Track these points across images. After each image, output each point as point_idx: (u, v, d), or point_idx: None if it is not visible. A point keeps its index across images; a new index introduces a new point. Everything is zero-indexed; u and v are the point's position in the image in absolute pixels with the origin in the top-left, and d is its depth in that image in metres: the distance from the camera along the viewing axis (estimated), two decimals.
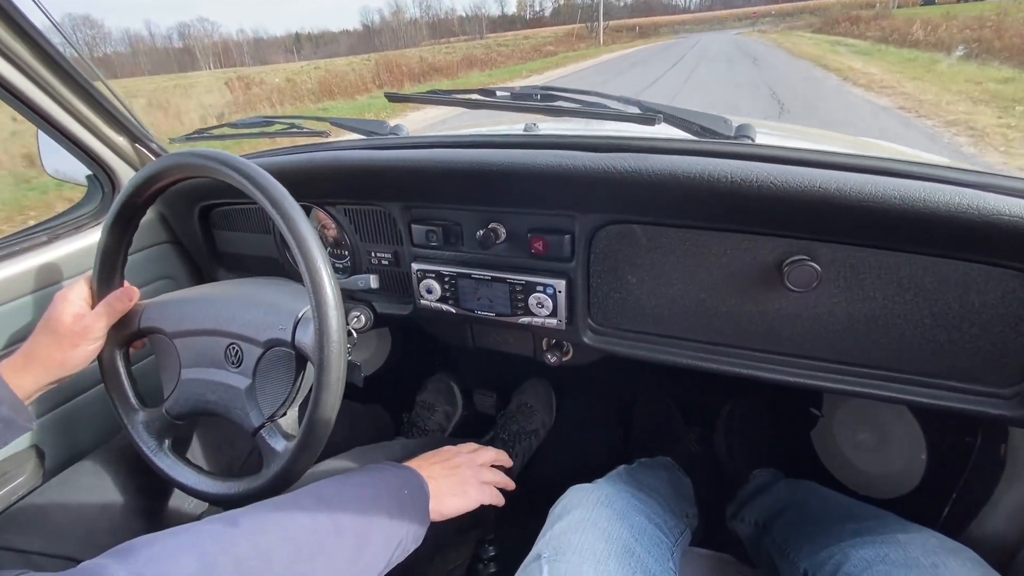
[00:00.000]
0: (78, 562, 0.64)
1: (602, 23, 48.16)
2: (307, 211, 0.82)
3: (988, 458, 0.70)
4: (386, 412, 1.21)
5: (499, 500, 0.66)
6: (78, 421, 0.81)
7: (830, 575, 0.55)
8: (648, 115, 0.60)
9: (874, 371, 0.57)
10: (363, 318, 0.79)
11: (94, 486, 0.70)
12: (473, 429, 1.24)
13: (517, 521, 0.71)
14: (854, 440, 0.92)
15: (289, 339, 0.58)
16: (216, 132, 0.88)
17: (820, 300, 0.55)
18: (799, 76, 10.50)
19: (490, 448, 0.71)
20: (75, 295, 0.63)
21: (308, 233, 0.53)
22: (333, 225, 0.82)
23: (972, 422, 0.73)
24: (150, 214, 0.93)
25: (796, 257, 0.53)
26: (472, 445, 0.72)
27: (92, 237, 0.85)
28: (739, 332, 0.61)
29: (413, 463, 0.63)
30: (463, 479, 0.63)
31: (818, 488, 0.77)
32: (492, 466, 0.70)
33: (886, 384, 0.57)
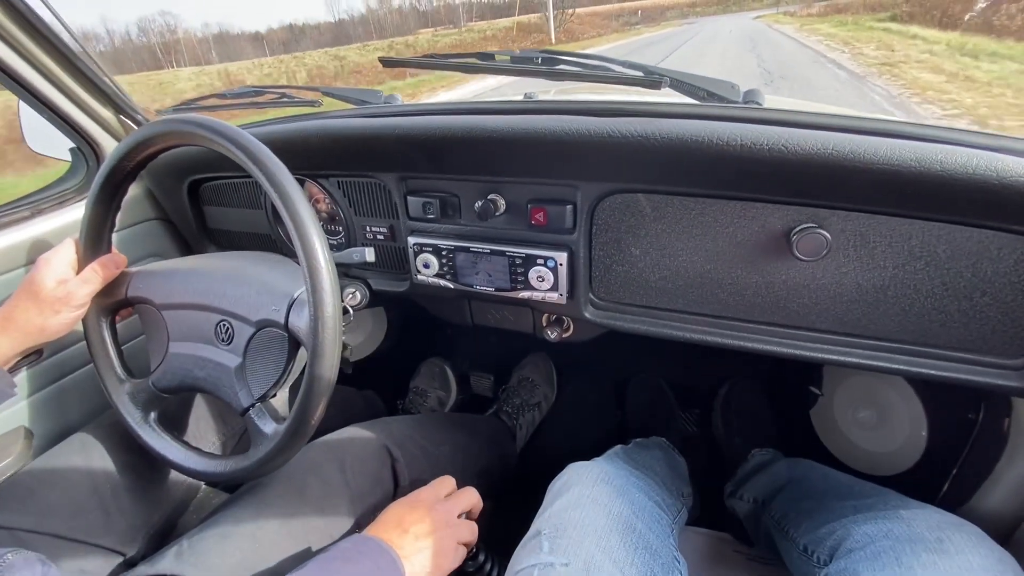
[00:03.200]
0: (66, 539, 0.64)
1: (551, 12, 34.50)
2: (299, 184, 0.80)
3: (990, 433, 0.69)
4: (379, 398, 1.20)
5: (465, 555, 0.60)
6: (68, 401, 0.79)
7: (831, 551, 0.55)
8: (653, 78, 0.57)
9: (881, 343, 0.56)
10: (358, 295, 0.77)
11: (83, 463, 0.69)
12: (471, 410, 1.24)
13: (515, 498, 0.70)
14: (854, 418, 0.92)
15: (282, 321, 0.56)
16: (204, 103, 0.85)
17: (828, 270, 0.54)
18: None
19: (468, 489, 0.63)
20: (59, 259, 0.60)
21: (305, 212, 0.50)
22: (326, 199, 0.79)
23: (975, 397, 0.72)
24: (137, 190, 0.90)
25: (805, 225, 0.52)
26: (449, 484, 0.63)
27: (76, 212, 0.83)
28: (744, 304, 0.59)
29: (385, 528, 0.55)
30: (440, 548, 0.55)
31: (817, 466, 0.77)
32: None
33: (892, 356, 0.56)
